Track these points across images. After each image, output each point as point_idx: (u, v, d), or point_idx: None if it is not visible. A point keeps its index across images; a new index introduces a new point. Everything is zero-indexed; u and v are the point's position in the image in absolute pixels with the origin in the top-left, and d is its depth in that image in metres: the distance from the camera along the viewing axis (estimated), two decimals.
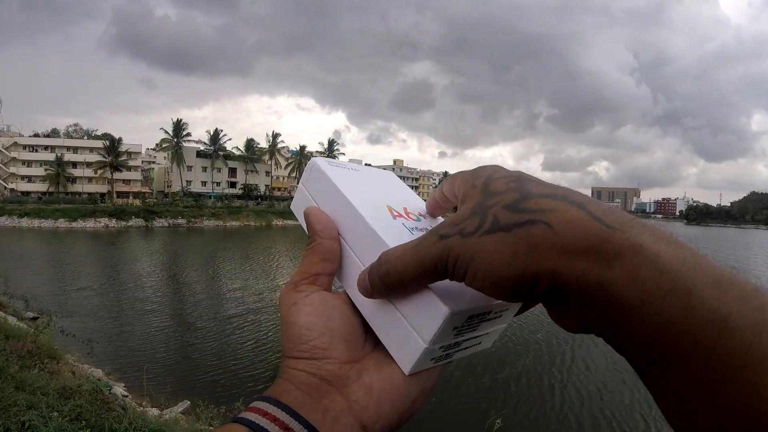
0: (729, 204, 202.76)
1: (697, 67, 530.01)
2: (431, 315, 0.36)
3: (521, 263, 0.27)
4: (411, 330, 0.37)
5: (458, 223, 0.31)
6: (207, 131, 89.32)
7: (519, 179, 0.31)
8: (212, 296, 16.66)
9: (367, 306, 0.40)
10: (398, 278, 0.35)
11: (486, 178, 0.33)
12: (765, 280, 22.87)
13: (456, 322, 0.36)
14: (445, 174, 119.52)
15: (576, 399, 8.81)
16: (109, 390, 5.98)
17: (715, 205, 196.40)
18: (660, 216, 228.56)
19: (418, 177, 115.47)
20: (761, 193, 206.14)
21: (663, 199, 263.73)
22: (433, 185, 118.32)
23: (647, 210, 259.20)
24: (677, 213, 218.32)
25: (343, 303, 0.41)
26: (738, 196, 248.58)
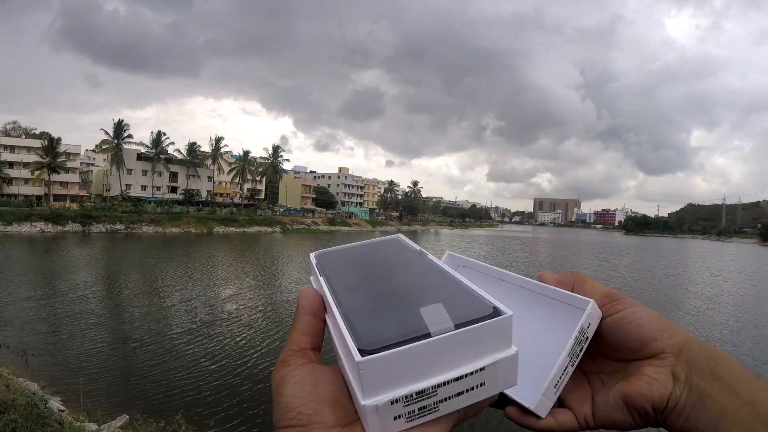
0: (667, 215, 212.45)
1: (641, 85, 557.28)
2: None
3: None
4: (355, 388, 0.35)
5: None
6: (151, 132, 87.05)
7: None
8: (152, 309, 16.29)
9: (343, 367, 0.39)
10: None
11: None
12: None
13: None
14: (391, 182, 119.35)
15: None
16: (45, 404, 5.93)
17: (653, 216, 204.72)
18: (600, 226, 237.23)
19: (363, 185, 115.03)
20: (698, 205, 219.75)
21: (603, 210, 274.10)
22: (379, 193, 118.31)
23: (587, 220, 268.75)
24: (616, 223, 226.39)
25: (334, 372, 0.41)
26: (676, 207, 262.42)
